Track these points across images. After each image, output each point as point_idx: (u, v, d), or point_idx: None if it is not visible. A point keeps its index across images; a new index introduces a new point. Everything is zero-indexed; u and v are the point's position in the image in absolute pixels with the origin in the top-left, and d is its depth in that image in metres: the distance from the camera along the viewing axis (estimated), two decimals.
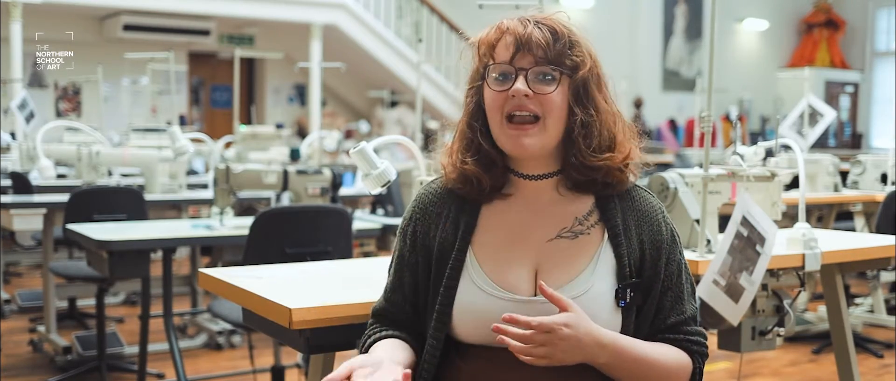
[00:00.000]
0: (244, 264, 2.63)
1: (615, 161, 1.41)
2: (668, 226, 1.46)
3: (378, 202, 4.22)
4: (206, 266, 3.81)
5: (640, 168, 1.48)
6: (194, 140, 5.47)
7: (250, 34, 11.01)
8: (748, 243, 1.86)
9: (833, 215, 4.92)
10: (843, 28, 14.62)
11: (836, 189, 4.87)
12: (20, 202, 4.29)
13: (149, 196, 4.31)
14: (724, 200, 2.35)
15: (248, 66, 11.67)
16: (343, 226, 3.00)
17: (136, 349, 3.72)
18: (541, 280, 1.39)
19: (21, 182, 4.79)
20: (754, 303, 2.24)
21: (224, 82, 11.63)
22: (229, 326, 3.78)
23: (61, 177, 5.47)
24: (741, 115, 13.55)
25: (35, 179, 4.83)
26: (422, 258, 1.47)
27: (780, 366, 4.18)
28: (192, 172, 6.03)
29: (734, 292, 1.86)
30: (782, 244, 2.33)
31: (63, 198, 3.96)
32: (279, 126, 9.11)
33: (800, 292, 2.37)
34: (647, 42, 13.23)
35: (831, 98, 13.71)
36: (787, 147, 2.84)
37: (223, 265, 3.55)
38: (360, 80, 11.33)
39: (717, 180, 2.30)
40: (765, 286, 2.27)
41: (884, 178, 4.90)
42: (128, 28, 9.49)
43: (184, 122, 10.18)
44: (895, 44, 13.87)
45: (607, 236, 1.42)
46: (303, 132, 9.96)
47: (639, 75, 12.82)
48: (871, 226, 4.55)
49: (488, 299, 1.39)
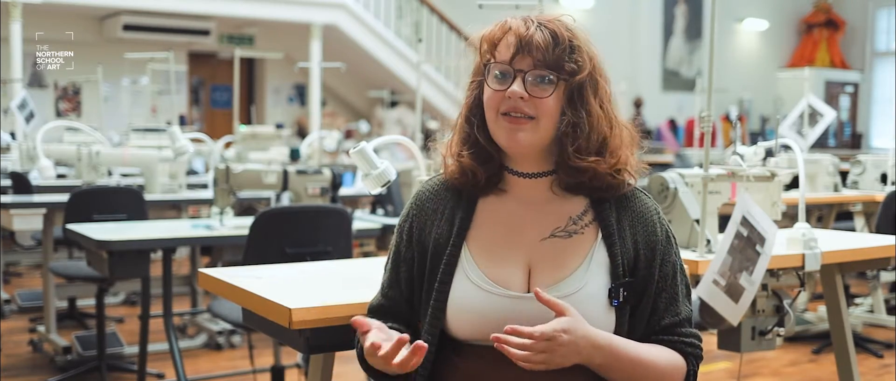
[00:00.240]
0: (244, 264, 2.63)
1: (602, 166, 1.41)
2: (664, 227, 1.47)
3: (378, 202, 4.22)
4: (206, 266, 3.81)
5: (638, 174, 1.48)
6: (194, 140, 5.47)
7: (250, 34, 11.00)
8: (748, 243, 1.86)
9: (833, 215, 4.92)
10: (843, 28, 14.62)
11: (835, 189, 4.87)
12: (20, 202, 4.29)
13: (149, 196, 4.31)
14: (724, 200, 2.35)
15: (248, 66, 11.66)
16: (343, 226, 3.00)
17: (136, 349, 3.72)
18: (534, 277, 1.40)
19: (21, 182, 4.79)
20: (754, 303, 2.24)
21: (224, 82, 11.63)
22: (229, 326, 3.78)
23: (61, 177, 5.47)
24: (741, 115, 13.54)
25: (35, 179, 4.83)
26: (418, 254, 1.48)
27: (780, 366, 4.18)
28: (192, 172, 6.03)
29: (734, 292, 1.86)
30: (782, 244, 2.33)
31: (63, 198, 3.96)
32: (279, 126, 9.11)
33: (800, 292, 2.37)
34: (647, 42, 13.23)
35: (831, 98, 13.70)
36: (786, 147, 2.84)
37: (223, 265, 3.55)
38: (360, 80, 11.33)
39: (717, 180, 2.30)
40: (765, 286, 2.27)
41: (884, 178, 4.89)
42: (128, 28, 9.48)
43: (184, 122, 10.17)
44: (895, 44, 13.87)
45: (601, 236, 1.43)
46: (303, 132, 9.96)
47: (639, 75, 12.82)
48: (870, 226, 4.55)
49: (483, 295, 1.40)
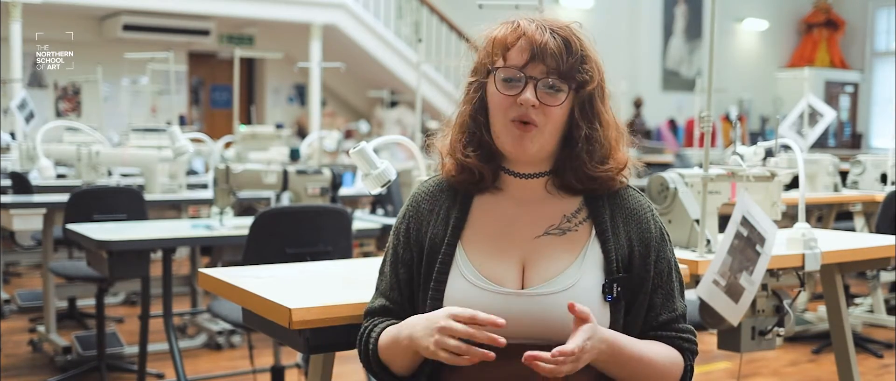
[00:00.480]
0: (244, 264, 2.63)
1: (613, 172, 1.45)
2: (658, 224, 1.48)
3: (378, 202, 4.22)
4: (206, 266, 3.81)
5: (631, 171, 1.49)
6: (194, 140, 5.47)
7: (250, 34, 11.00)
8: (748, 243, 1.86)
9: (833, 215, 4.92)
10: (843, 28, 14.62)
11: (835, 189, 4.87)
12: (20, 202, 4.29)
13: (149, 196, 4.31)
14: (723, 200, 2.35)
15: (248, 66, 11.66)
16: (343, 226, 3.00)
17: (135, 349, 3.72)
18: (528, 274, 1.41)
19: (21, 182, 4.79)
20: (754, 303, 2.24)
21: (224, 82, 11.62)
22: (229, 326, 3.78)
23: (61, 177, 5.47)
24: (741, 115, 13.54)
25: (35, 179, 4.83)
26: (416, 255, 1.48)
27: (780, 366, 4.18)
28: (191, 172, 6.03)
29: (734, 292, 1.86)
30: (782, 244, 2.33)
31: (63, 198, 3.96)
32: (279, 126, 9.09)
33: (800, 292, 2.37)
34: (646, 42, 13.23)
35: (831, 98, 13.71)
36: (786, 147, 2.83)
37: (223, 265, 3.55)
38: (360, 80, 11.33)
39: (716, 180, 2.30)
40: (765, 286, 2.27)
41: (883, 178, 4.89)
42: (127, 28, 9.48)
43: (183, 122, 10.17)
44: (895, 44, 13.87)
45: (595, 233, 1.44)
46: (303, 132, 9.95)
47: (638, 75, 12.82)
48: (870, 226, 4.55)
49: (477, 292, 1.41)
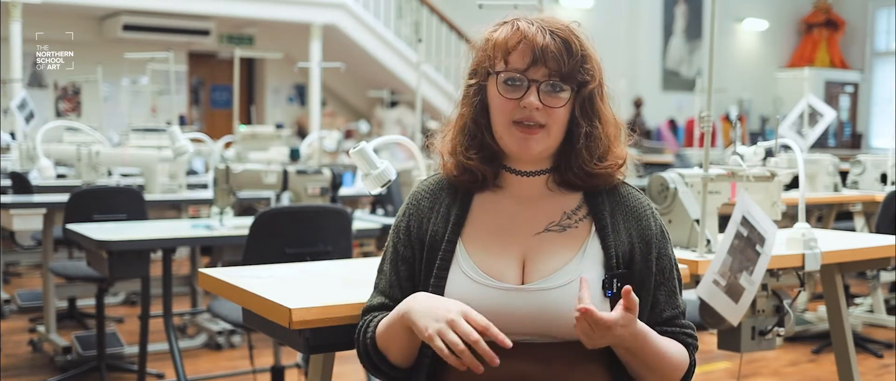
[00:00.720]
0: (244, 264, 2.63)
1: (613, 168, 1.46)
2: (658, 222, 1.49)
3: (378, 202, 4.22)
4: (206, 266, 3.81)
5: (628, 166, 1.50)
6: (194, 140, 5.47)
7: (250, 34, 11.00)
8: (748, 243, 1.86)
9: (833, 215, 4.92)
10: (843, 28, 14.62)
11: (835, 189, 4.87)
12: (20, 202, 4.29)
13: (149, 196, 4.31)
14: (723, 200, 2.35)
15: (248, 66, 11.66)
16: (343, 226, 3.00)
17: (135, 349, 3.72)
18: (528, 270, 1.42)
19: (21, 182, 4.79)
20: (754, 303, 2.24)
21: (224, 82, 11.62)
22: (229, 326, 3.78)
23: (61, 177, 5.46)
24: (741, 115, 13.54)
25: (35, 179, 4.83)
26: (417, 252, 1.48)
27: (780, 366, 4.18)
28: (191, 172, 6.03)
29: (734, 292, 1.86)
30: (782, 244, 2.33)
31: (63, 198, 3.96)
32: (279, 126, 9.10)
33: (800, 292, 2.37)
34: (646, 42, 13.23)
35: (831, 98, 13.71)
36: (786, 147, 2.83)
37: (223, 265, 3.55)
38: (360, 80, 11.32)
39: (716, 180, 2.30)
40: (765, 286, 2.27)
41: (883, 178, 4.89)
42: (127, 28, 9.48)
43: (183, 122, 10.17)
44: (895, 44, 13.87)
45: (595, 229, 1.45)
46: (303, 132, 9.95)
47: (638, 75, 12.82)
48: (870, 226, 4.55)
49: (477, 288, 1.41)
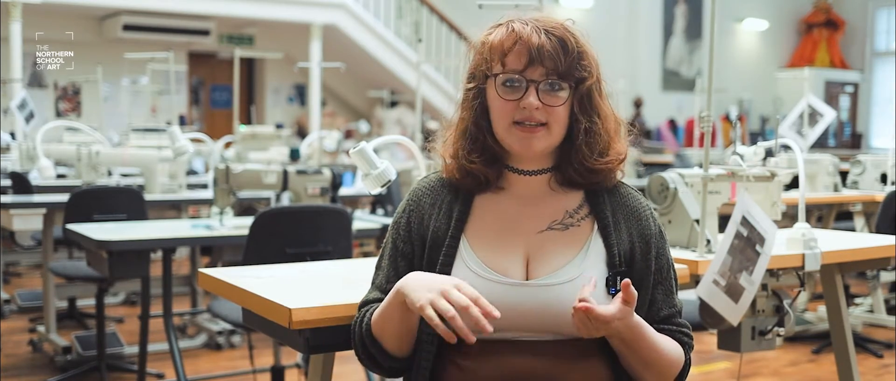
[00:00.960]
0: (244, 264, 2.63)
1: (613, 164, 1.46)
2: (656, 223, 1.51)
3: (378, 202, 4.22)
4: (206, 266, 3.81)
5: (626, 164, 1.51)
6: (194, 140, 5.47)
7: (250, 34, 11.00)
8: (748, 243, 1.86)
9: (833, 215, 4.92)
10: (843, 28, 14.62)
11: (835, 189, 4.87)
12: (20, 202, 4.29)
13: (149, 196, 4.31)
14: (723, 200, 2.35)
15: (248, 66, 11.66)
16: (343, 226, 3.00)
17: (135, 349, 3.72)
18: (533, 266, 1.42)
19: (21, 182, 4.79)
20: (754, 303, 2.24)
21: (224, 82, 11.62)
22: (229, 326, 3.78)
23: (61, 177, 5.47)
24: (741, 115, 13.55)
25: (35, 179, 4.83)
26: (417, 248, 1.48)
27: (780, 366, 4.18)
28: (191, 172, 6.03)
29: (734, 292, 1.86)
30: (782, 244, 2.33)
31: (63, 198, 3.96)
32: (279, 126, 9.09)
33: (800, 292, 2.37)
34: (646, 42, 13.23)
35: (831, 98, 13.71)
36: (786, 147, 2.83)
37: (223, 265, 3.55)
38: (360, 80, 11.32)
39: (716, 180, 2.30)
40: (765, 286, 2.27)
41: (883, 178, 4.89)
42: (127, 28, 9.48)
43: (183, 122, 10.17)
44: (895, 44, 13.87)
45: (597, 227, 1.46)
46: (303, 132, 9.95)
47: (638, 75, 12.82)
48: (870, 226, 4.55)
49: (482, 283, 1.40)
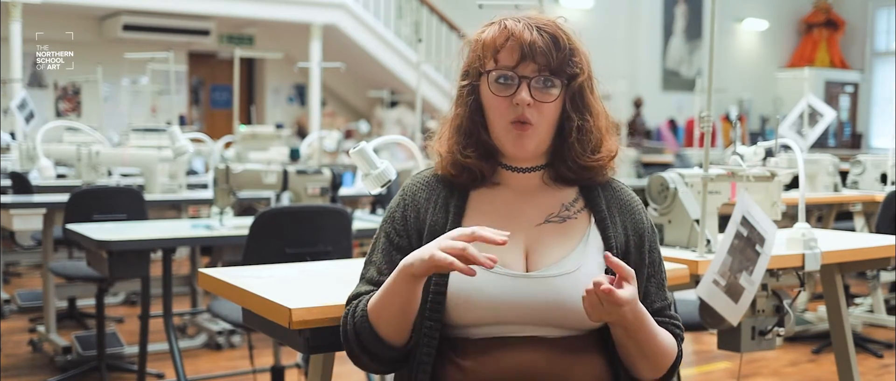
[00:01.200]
0: (244, 264, 2.63)
1: (605, 161, 1.48)
2: (648, 217, 1.54)
3: (378, 202, 4.22)
4: (206, 266, 3.81)
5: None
6: (194, 140, 5.46)
7: (250, 34, 11.00)
8: (748, 243, 1.86)
9: (833, 215, 4.92)
10: (843, 28, 14.62)
11: (835, 189, 4.87)
12: (20, 202, 4.29)
13: (148, 196, 4.31)
14: (723, 200, 2.35)
15: (248, 66, 11.66)
16: (343, 226, 3.00)
17: (135, 349, 3.72)
18: (533, 258, 1.43)
19: (21, 182, 4.79)
20: (754, 303, 2.24)
21: (224, 82, 11.62)
22: (229, 326, 3.78)
23: (61, 177, 5.47)
24: (741, 115, 13.55)
25: (35, 179, 4.82)
26: (414, 241, 1.47)
27: (780, 366, 4.18)
28: (191, 172, 6.03)
29: (734, 292, 1.86)
30: (782, 244, 2.33)
31: (63, 198, 3.96)
32: (279, 126, 9.09)
33: (800, 292, 2.37)
34: (646, 42, 13.23)
35: (831, 98, 13.71)
36: (786, 147, 2.83)
37: (223, 265, 3.55)
38: (360, 80, 11.33)
39: (716, 180, 2.30)
40: (765, 286, 2.27)
41: (883, 178, 4.89)
42: (127, 28, 9.48)
43: (183, 122, 10.17)
44: (895, 44, 13.87)
45: (594, 220, 1.48)
46: (302, 132, 9.95)
47: (638, 75, 12.82)
48: (870, 226, 4.55)
49: (485, 275, 1.39)
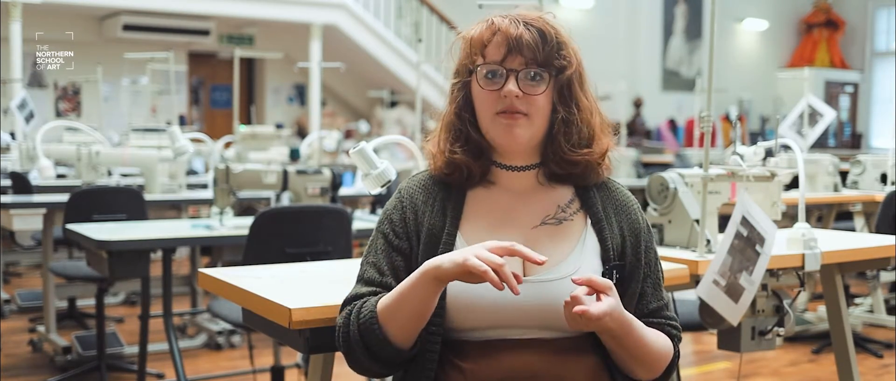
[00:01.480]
0: (244, 264, 2.62)
1: (593, 156, 1.47)
2: (643, 216, 1.53)
3: (378, 202, 4.22)
4: (206, 266, 3.81)
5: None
6: (194, 140, 5.47)
7: (250, 34, 11.00)
8: (748, 243, 1.86)
9: (833, 215, 4.92)
10: (843, 28, 14.62)
11: (835, 189, 4.87)
12: (20, 202, 4.29)
13: (148, 196, 4.31)
14: (723, 200, 2.35)
15: (248, 66, 11.66)
16: (343, 226, 3.00)
17: (135, 349, 3.72)
18: (531, 263, 1.39)
19: (21, 182, 4.79)
20: (754, 303, 2.24)
21: (224, 82, 11.62)
22: (229, 326, 3.78)
23: (61, 177, 5.47)
24: (741, 115, 13.55)
25: (35, 179, 4.83)
26: (413, 243, 1.47)
27: (779, 366, 4.18)
28: (191, 172, 6.03)
29: (734, 292, 1.86)
30: (782, 244, 2.33)
31: (63, 198, 3.96)
32: (279, 126, 9.11)
33: (800, 292, 2.37)
34: (646, 42, 13.23)
35: (831, 98, 13.71)
36: (786, 147, 2.84)
37: (223, 265, 3.55)
38: (360, 80, 11.33)
39: (716, 180, 2.30)
40: (765, 286, 2.27)
41: (883, 178, 4.89)
42: (127, 28, 9.48)
43: (183, 122, 10.17)
44: (895, 44, 13.87)
45: (590, 222, 1.48)
46: (302, 132, 9.95)
47: (638, 75, 12.82)
48: (870, 226, 4.55)
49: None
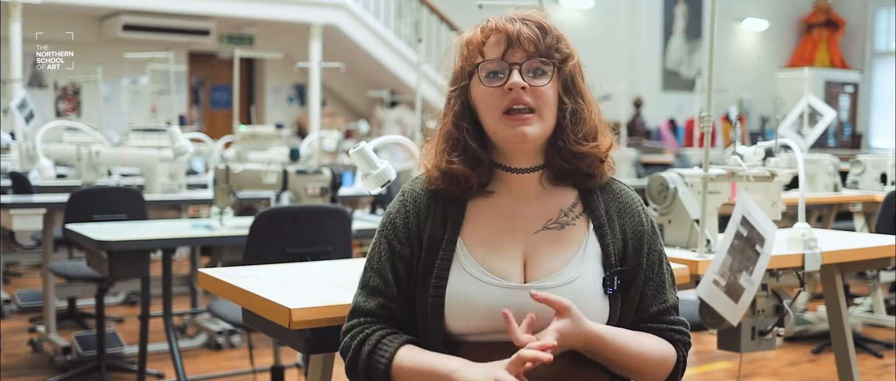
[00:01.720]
0: (244, 264, 2.62)
1: (599, 150, 1.46)
2: (648, 218, 1.51)
3: (378, 202, 4.22)
4: (206, 266, 3.81)
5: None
6: (194, 140, 5.47)
7: (250, 34, 11.00)
8: (748, 243, 1.86)
9: (833, 215, 4.92)
10: (843, 28, 14.62)
11: (835, 189, 4.87)
12: (20, 202, 4.29)
13: (148, 196, 4.31)
14: (723, 200, 2.35)
15: (248, 66, 11.66)
16: (343, 226, 3.00)
17: (135, 349, 3.72)
18: (530, 268, 1.43)
19: (21, 182, 4.79)
20: (754, 303, 2.24)
21: (224, 82, 11.62)
22: (229, 326, 3.78)
23: (61, 177, 5.47)
24: (741, 115, 13.55)
25: (35, 179, 4.83)
26: (415, 250, 1.47)
27: (779, 366, 4.18)
28: (191, 172, 6.03)
29: (734, 292, 1.86)
30: (782, 244, 2.33)
31: (63, 198, 3.96)
32: (279, 126, 9.11)
33: (799, 292, 2.37)
34: (646, 42, 13.23)
35: (831, 98, 13.71)
36: (786, 147, 2.84)
37: (223, 265, 3.55)
38: (360, 80, 11.33)
39: (716, 180, 2.30)
40: (765, 286, 2.27)
41: (883, 178, 4.89)
42: (127, 28, 9.48)
43: (183, 122, 10.17)
44: (895, 44, 13.87)
45: (592, 227, 1.47)
46: (302, 132, 9.95)
47: (638, 75, 12.82)
48: (870, 226, 4.55)
49: (481, 287, 1.40)
